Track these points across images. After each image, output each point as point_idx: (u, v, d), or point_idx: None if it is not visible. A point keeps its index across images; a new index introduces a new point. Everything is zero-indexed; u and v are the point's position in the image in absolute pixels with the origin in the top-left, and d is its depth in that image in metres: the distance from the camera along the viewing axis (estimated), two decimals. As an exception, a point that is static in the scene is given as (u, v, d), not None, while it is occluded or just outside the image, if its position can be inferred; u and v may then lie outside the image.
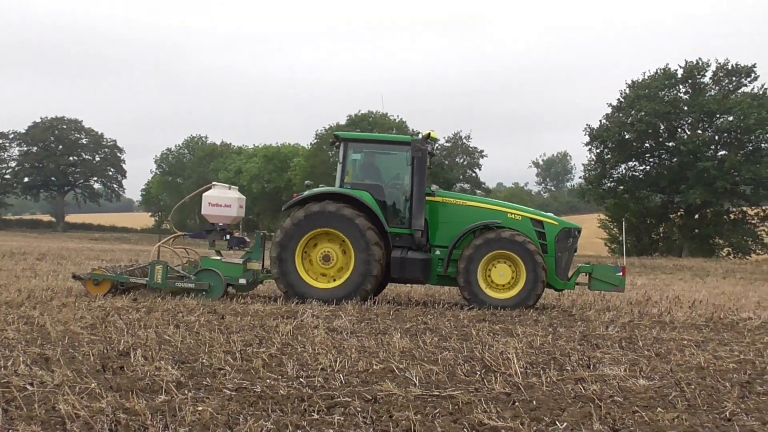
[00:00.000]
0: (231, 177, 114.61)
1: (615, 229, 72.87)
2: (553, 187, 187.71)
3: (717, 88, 69.97)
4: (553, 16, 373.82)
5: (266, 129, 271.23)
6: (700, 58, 69.89)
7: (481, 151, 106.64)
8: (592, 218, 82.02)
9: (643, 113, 67.99)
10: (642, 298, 18.70)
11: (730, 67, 69.28)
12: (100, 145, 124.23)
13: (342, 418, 6.30)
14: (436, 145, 16.42)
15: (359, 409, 6.60)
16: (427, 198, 16.47)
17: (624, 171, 73.38)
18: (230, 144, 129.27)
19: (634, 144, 70.50)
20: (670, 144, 69.98)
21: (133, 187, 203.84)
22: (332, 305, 15.11)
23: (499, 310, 15.07)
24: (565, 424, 6.31)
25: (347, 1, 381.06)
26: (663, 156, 72.00)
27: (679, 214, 73.26)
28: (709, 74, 70.08)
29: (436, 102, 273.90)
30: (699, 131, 67.61)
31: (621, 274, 16.74)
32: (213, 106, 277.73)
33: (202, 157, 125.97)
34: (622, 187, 72.42)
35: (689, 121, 69.74)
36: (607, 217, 74.17)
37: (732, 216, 71.31)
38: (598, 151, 72.06)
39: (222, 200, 17.18)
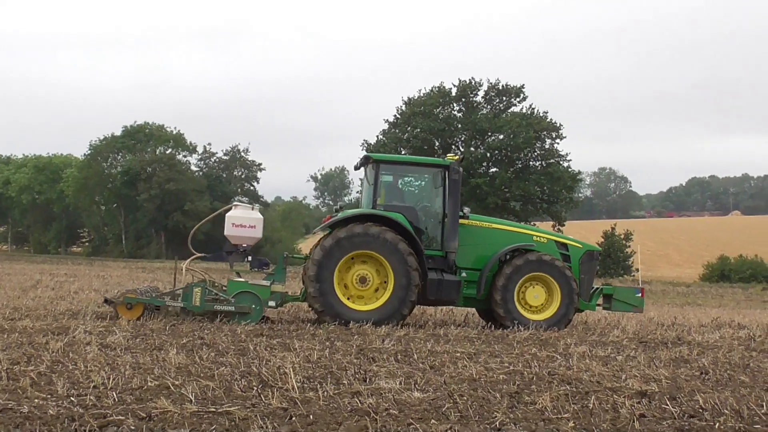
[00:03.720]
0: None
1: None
2: (331, 201, 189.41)
3: (489, 107, 72.75)
4: (324, 32, 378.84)
5: (36, 139, 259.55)
6: (473, 78, 72.45)
7: (259, 164, 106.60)
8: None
9: (418, 130, 69.72)
10: (417, 311, 19.11)
11: (500, 87, 72.18)
12: None
13: (114, 438, 6.10)
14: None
15: (133, 428, 6.41)
16: None
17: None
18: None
19: (411, 160, 72.13)
20: (445, 161, 72.07)
21: None
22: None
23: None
24: (342, 437, 6.35)
25: (110, 9, 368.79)
26: (438, 172, 74.01)
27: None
28: (481, 93, 72.75)
29: (212, 114, 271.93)
30: (472, 148, 70.02)
31: (640, 295, 17.63)
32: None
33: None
34: (398, 202, 73.94)
35: (463, 139, 72.05)
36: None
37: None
38: (375, 166, 73.15)
39: (247, 221, 16.53)
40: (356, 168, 18.12)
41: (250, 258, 16.87)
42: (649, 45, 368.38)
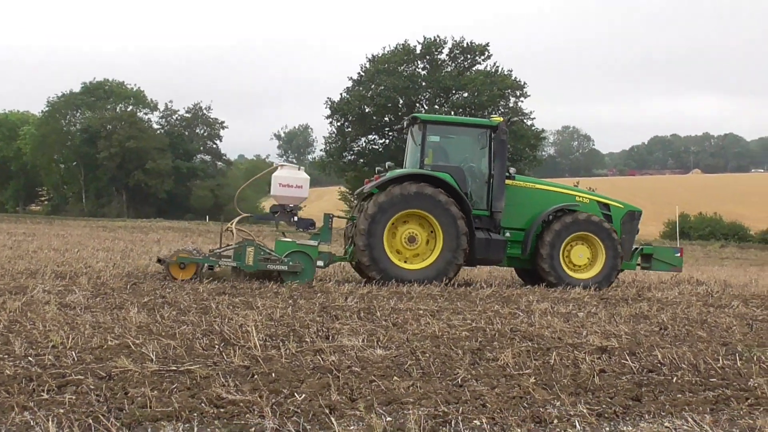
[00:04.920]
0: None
1: (354, 200, 74.15)
2: (294, 160, 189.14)
3: (453, 64, 72.58)
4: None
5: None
6: (437, 35, 72.23)
7: (222, 122, 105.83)
8: (333, 191, 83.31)
9: (382, 87, 69.43)
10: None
11: (465, 45, 72.02)
12: None
13: (74, 397, 6.03)
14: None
15: (92, 387, 6.35)
16: None
17: (364, 144, 74.74)
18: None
19: (374, 118, 71.93)
20: (409, 118, 71.78)
21: None
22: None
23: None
24: (304, 395, 6.33)
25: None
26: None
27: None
28: (445, 51, 72.56)
29: (174, 72, 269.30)
30: (436, 106, 69.94)
31: (679, 255, 18.40)
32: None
33: None
34: (362, 161, 73.71)
35: (427, 97, 71.95)
36: (347, 190, 75.37)
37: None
38: (338, 124, 72.97)
39: (294, 181, 16.54)
40: (402, 129, 18.34)
41: (296, 218, 16.87)
42: (613, 5, 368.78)
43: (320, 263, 16.14)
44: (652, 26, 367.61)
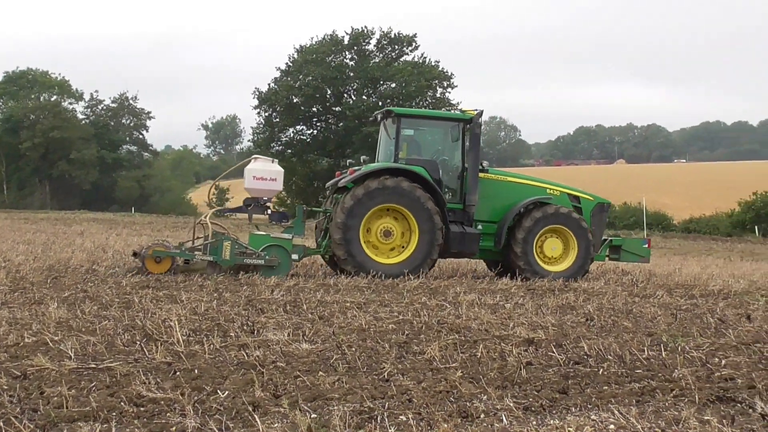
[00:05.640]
0: None
1: (283, 192, 73.93)
2: (222, 150, 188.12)
3: (381, 55, 72.73)
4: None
5: None
6: (365, 26, 72.30)
7: (149, 112, 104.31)
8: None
9: (310, 78, 69.29)
10: (308, 261, 18.97)
11: (393, 36, 72.21)
12: None
13: (-14, 398, 5.84)
14: None
15: (6, 387, 6.15)
16: None
17: (292, 135, 74.51)
18: None
19: (302, 108, 71.75)
20: (337, 109, 71.86)
21: None
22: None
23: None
24: (227, 392, 6.21)
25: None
26: (330, 120, 73.85)
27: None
28: (373, 42, 72.70)
29: (99, 61, 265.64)
30: (364, 97, 69.99)
31: (647, 246, 18.59)
32: None
33: None
34: (290, 151, 73.41)
35: (355, 87, 71.98)
36: (275, 180, 74.80)
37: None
38: (266, 114, 72.64)
39: (268, 173, 16.32)
40: (376, 121, 18.26)
41: (269, 211, 16.76)
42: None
43: (295, 257, 16.05)
44: (575, 16, 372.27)
